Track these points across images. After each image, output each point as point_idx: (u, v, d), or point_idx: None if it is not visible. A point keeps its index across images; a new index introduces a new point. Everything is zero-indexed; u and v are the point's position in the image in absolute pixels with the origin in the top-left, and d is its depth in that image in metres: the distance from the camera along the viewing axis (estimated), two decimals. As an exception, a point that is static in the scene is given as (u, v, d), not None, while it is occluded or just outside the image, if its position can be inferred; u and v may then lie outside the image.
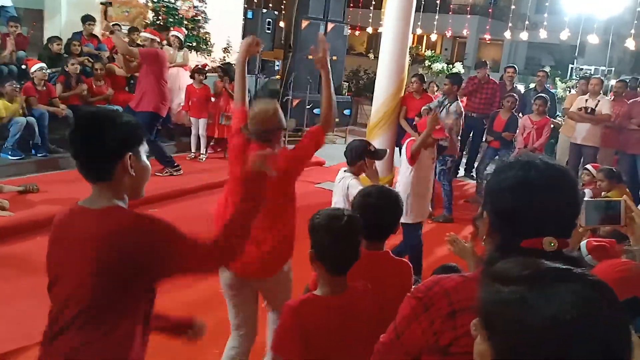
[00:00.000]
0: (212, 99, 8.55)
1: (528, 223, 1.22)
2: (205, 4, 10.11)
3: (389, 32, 6.05)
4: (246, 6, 12.48)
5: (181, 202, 6.36)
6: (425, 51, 18.14)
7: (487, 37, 15.74)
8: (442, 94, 7.02)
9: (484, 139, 8.09)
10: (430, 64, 14.58)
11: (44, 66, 7.30)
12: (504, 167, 1.29)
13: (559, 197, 1.23)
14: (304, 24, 10.76)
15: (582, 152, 7.58)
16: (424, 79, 7.97)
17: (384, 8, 6.16)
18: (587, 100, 7.56)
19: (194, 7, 9.95)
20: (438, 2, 14.45)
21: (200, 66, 8.94)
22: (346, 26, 11.74)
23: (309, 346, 1.86)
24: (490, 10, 19.27)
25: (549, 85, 9.97)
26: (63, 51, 8.21)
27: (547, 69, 13.32)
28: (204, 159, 8.35)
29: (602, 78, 8.67)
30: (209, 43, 10.23)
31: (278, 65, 11.43)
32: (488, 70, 8.66)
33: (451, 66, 14.66)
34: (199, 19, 10.01)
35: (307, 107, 10.18)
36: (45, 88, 7.29)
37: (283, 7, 14.40)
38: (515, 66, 9.34)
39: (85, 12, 8.79)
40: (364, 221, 2.22)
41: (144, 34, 7.69)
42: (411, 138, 4.77)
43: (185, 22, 9.75)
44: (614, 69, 15.34)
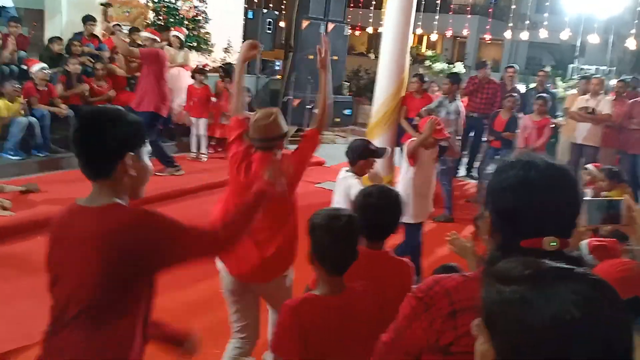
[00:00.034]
0: (213, 99, 8.56)
1: (529, 223, 1.22)
2: (206, 4, 10.12)
3: (390, 32, 6.04)
4: (247, 6, 12.49)
5: (181, 202, 6.35)
6: (426, 51, 18.16)
7: (487, 37, 15.75)
8: (442, 94, 7.02)
9: (485, 138, 8.09)
10: (430, 64, 14.59)
11: (45, 66, 7.30)
12: (505, 166, 1.29)
13: (560, 196, 1.23)
14: (305, 24, 10.76)
15: (582, 152, 7.57)
16: (424, 78, 7.97)
17: (384, 8, 6.15)
18: (587, 100, 7.56)
19: (195, 7, 9.97)
20: (438, 2, 14.45)
21: (201, 66, 8.95)
22: (346, 26, 11.76)
23: (308, 346, 1.86)
24: (490, 10, 19.27)
25: (549, 85, 9.95)
26: (64, 51, 8.22)
27: (548, 68, 13.30)
28: (204, 159, 8.35)
29: (603, 78, 8.64)
30: (209, 43, 10.25)
31: (279, 65, 11.44)
32: (488, 70, 8.65)
33: (452, 66, 14.67)
34: (199, 19, 10.03)
35: (308, 107, 10.18)
36: (46, 88, 7.30)
37: (283, 7, 14.41)
38: (516, 66, 9.34)
39: (86, 12, 8.80)
40: (364, 221, 2.22)
41: (144, 33, 7.69)
42: (412, 139, 4.77)
43: (186, 22, 9.76)
44: (614, 68, 15.31)
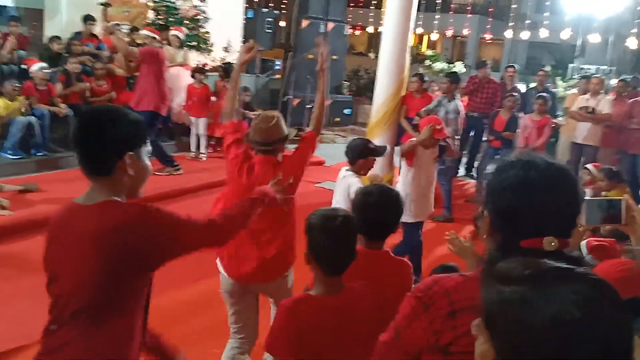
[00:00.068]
0: (212, 99, 8.55)
1: (529, 222, 1.22)
2: (206, 3, 10.12)
3: (390, 32, 6.03)
4: (246, 5, 12.48)
5: (181, 202, 6.35)
6: (426, 51, 18.16)
7: (487, 36, 15.75)
8: (442, 93, 7.01)
9: (485, 138, 8.09)
10: (430, 63, 14.59)
11: (44, 66, 7.29)
12: (505, 166, 1.29)
13: (560, 196, 1.23)
14: (305, 23, 10.75)
15: (582, 152, 7.57)
16: (424, 78, 7.96)
17: (384, 7, 6.13)
18: (587, 99, 7.55)
19: (194, 6, 9.96)
20: (439, 2, 14.45)
21: (200, 66, 8.93)
22: (346, 26, 11.74)
23: (303, 346, 1.85)
24: (490, 10, 19.27)
25: (549, 84, 9.95)
26: (63, 51, 8.21)
27: (548, 68, 13.31)
28: (204, 158, 8.35)
29: (603, 77, 8.63)
30: (209, 42, 10.24)
31: (278, 65, 11.43)
32: (489, 69, 8.65)
33: (452, 66, 14.66)
34: (199, 19, 10.02)
35: (308, 106, 10.17)
36: (45, 88, 7.29)
37: (283, 6, 14.40)
38: (516, 65, 9.33)
39: (86, 12, 8.78)
40: (364, 220, 2.22)
41: (143, 31, 7.68)
42: (412, 139, 4.76)
43: (186, 21, 9.75)
44: (614, 68, 15.31)
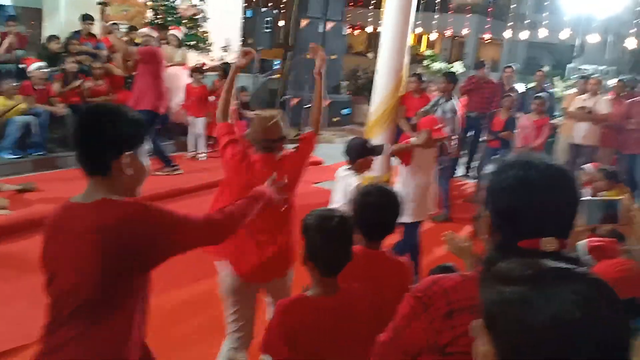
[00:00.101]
0: (211, 98, 8.52)
1: (528, 223, 1.22)
2: (205, 3, 10.11)
3: (388, 31, 6.03)
4: (245, 5, 12.47)
5: (180, 202, 6.34)
6: (425, 50, 18.16)
7: (486, 36, 15.75)
8: (439, 93, 7.01)
9: (483, 138, 8.09)
10: (429, 63, 14.59)
11: (42, 65, 7.28)
12: (504, 166, 1.29)
13: (559, 197, 1.23)
14: (304, 23, 10.75)
15: (580, 152, 7.58)
16: (423, 78, 7.96)
17: (383, 7, 6.13)
18: (586, 100, 7.56)
19: (193, 5, 9.95)
20: (438, 2, 14.45)
21: (199, 65, 8.92)
22: (345, 25, 11.74)
23: (299, 346, 1.85)
24: (489, 10, 19.27)
25: (548, 84, 9.96)
26: (62, 50, 8.19)
27: (546, 68, 13.32)
28: (204, 157, 8.33)
29: (601, 78, 8.66)
30: (207, 42, 10.23)
31: (277, 65, 11.43)
32: (487, 69, 8.66)
33: (450, 66, 14.67)
34: (198, 18, 10.00)
35: (306, 106, 10.17)
36: (44, 87, 7.28)
37: (282, 6, 14.39)
38: (514, 66, 9.34)
39: (84, 11, 8.76)
40: (363, 220, 2.22)
41: (143, 30, 7.68)
42: (411, 139, 4.76)
43: (184, 20, 9.74)
44: (613, 68, 15.33)
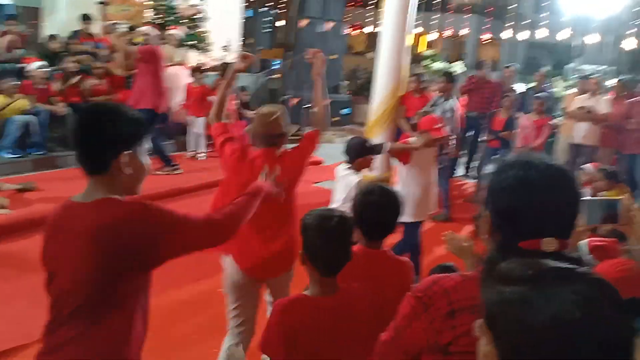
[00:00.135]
0: (211, 98, 8.53)
1: (528, 223, 1.21)
2: (205, 2, 10.11)
3: (388, 31, 6.03)
4: (245, 5, 12.47)
5: (180, 201, 6.33)
6: (425, 50, 18.16)
7: (486, 36, 15.75)
8: (437, 92, 7.01)
9: (483, 138, 8.09)
10: (429, 63, 14.59)
11: (43, 64, 7.28)
12: (504, 166, 1.29)
13: (559, 197, 1.22)
14: (303, 23, 10.76)
15: (580, 152, 7.58)
16: (423, 78, 7.96)
17: (382, 7, 6.13)
18: (585, 99, 7.56)
19: (193, 5, 9.95)
20: (438, 2, 14.44)
21: (199, 65, 8.93)
22: (345, 25, 11.74)
23: (298, 346, 1.84)
24: (489, 10, 19.27)
25: (548, 84, 9.96)
26: (61, 49, 8.19)
27: (546, 68, 13.32)
28: (204, 157, 8.33)
29: (601, 78, 8.66)
30: (207, 42, 10.23)
31: (277, 64, 11.44)
32: (487, 69, 8.65)
33: (450, 65, 14.67)
34: (197, 18, 10.01)
35: (306, 106, 10.17)
36: (44, 86, 7.27)
37: (282, 6, 14.38)
38: (514, 65, 9.34)
39: (84, 11, 8.77)
40: (364, 219, 2.22)
41: (143, 28, 7.67)
42: (410, 138, 4.76)
43: (184, 20, 9.74)
44: (612, 68, 15.34)
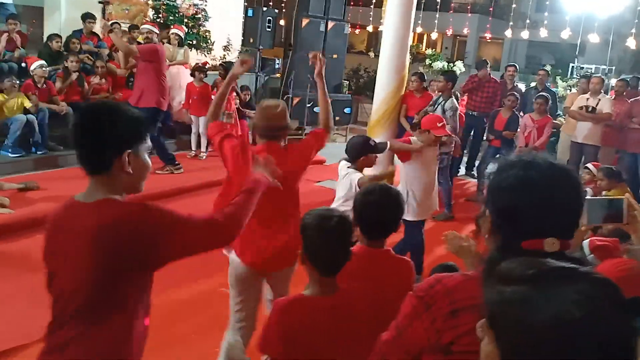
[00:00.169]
0: (212, 97, 8.54)
1: (529, 222, 1.21)
2: (206, 2, 10.11)
3: (390, 30, 6.03)
4: (246, 4, 12.46)
5: (181, 200, 6.34)
6: (426, 50, 18.15)
7: (487, 35, 15.72)
8: (437, 91, 7.01)
9: (485, 137, 8.09)
10: (430, 62, 14.57)
11: (43, 63, 7.28)
12: (505, 165, 1.28)
13: (561, 196, 1.22)
14: (305, 22, 10.74)
15: (583, 151, 7.57)
16: (424, 77, 7.96)
17: (384, 6, 6.13)
18: (588, 99, 7.55)
19: (194, 5, 9.95)
20: (439, 1, 14.42)
21: (200, 64, 8.93)
22: (346, 24, 11.72)
23: (297, 346, 1.84)
24: (490, 9, 19.24)
25: (549, 84, 9.95)
26: (63, 49, 8.20)
27: (548, 67, 13.30)
28: (204, 157, 8.33)
29: (603, 77, 8.64)
30: (209, 41, 10.23)
31: (278, 64, 11.42)
32: (489, 69, 8.64)
33: (452, 65, 14.65)
34: (199, 17, 10.01)
35: (307, 105, 10.17)
36: (45, 86, 7.28)
37: (283, 5, 14.38)
38: (516, 65, 9.32)
39: (85, 10, 8.77)
40: (365, 219, 2.21)
41: (144, 26, 7.67)
42: (411, 137, 4.76)
43: (186, 20, 9.75)
44: (614, 67, 15.31)
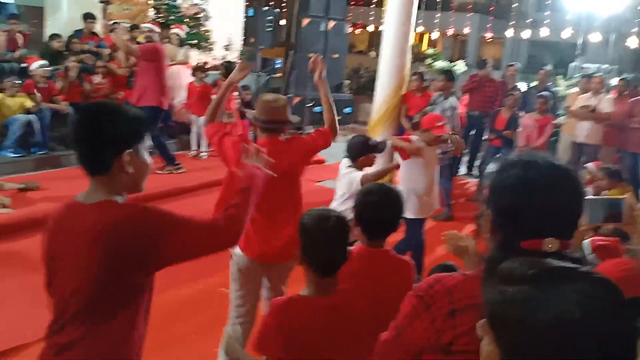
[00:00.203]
0: (213, 97, 8.53)
1: (529, 222, 1.21)
2: (207, 2, 10.11)
3: (390, 30, 6.03)
4: (247, 4, 12.47)
5: (181, 200, 6.34)
6: (427, 49, 18.15)
7: (488, 35, 15.73)
8: (437, 91, 7.01)
9: (486, 137, 8.09)
10: (431, 62, 14.57)
11: (44, 63, 7.28)
12: (506, 165, 1.28)
13: (561, 196, 1.22)
14: (305, 21, 10.75)
15: (583, 151, 7.56)
16: (424, 77, 7.96)
17: (385, 6, 6.13)
18: (588, 98, 7.55)
19: (195, 4, 9.96)
20: (439, 0, 14.42)
21: (201, 64, 8.93)
22: (347, 24, 11.73)
23: (294, 346, 1.84)
24: (491, 9, 19.23)
25: (550, 83, 9.93)
26: (64, 49, 8.20)
27: (549, 67, 13.28)
28: (204, 156, 8.33)
29: (604, 76, 8.63)
30: (209, 41, 10.24)
31: (279, 63, 11.43)
32: (489, 68, 8.64)
33: (452, 64, 14.65)
34: (199, 17, 10.02)
35: (308, 105, 10.18)
36: (46, 86, 7.28)
37: (284, 4, 14.38)
38: (517, 64, 9.32)
39: (86, 10, 8.77)
40: (365, 219, 2.21)
41: (145, 25, 7.68)
42: (411, 136, 4.75)
43: (186, 19, 9.75)
44: (615, 67, 15.29)
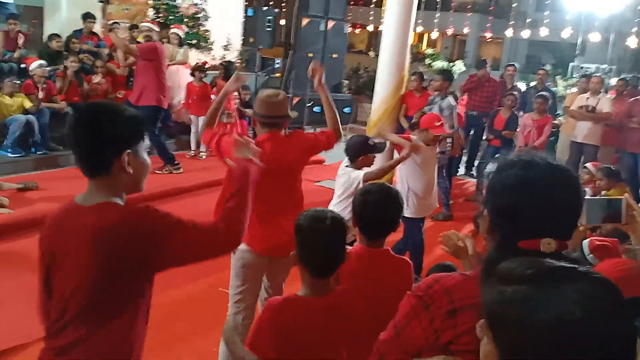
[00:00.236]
0: (212, 97, 8.54)
1: (528, 222, 1.21)
2: (206, 2, 10.11)
3: (390, 30, 6.03)
4: (246, 4, 12.47)
5: (181, 200, 6.34)
6: (426, 49, 18.15)
7: (487, 35, 15.74)
8: (434, 91, 7.01)
9: (485, 137, 8.09)
10: (430, 62, 14.57)
11: (43, 63, 7.28)
12: (505, 165, 1.28)
13: (560, 197, 1.22)
14: (305, 21, 10.75)
15: (582, 151, 7.57)
16: (424, 76, 7.96)
17: (384, 6, 6.13)
18: (587, 98, 7.55)
19: (194, 4, 9.96)
20: (439, 0, 14.43)
21: (200, 64, 8.93)
22: (346, 24, 11.73)
23: (289, 345, 1.83)
24: (491, 9, 19.23)
25: (549, 83, 9.95)
26: (63, 49, 8.20)
27: (548, 67, 13.30)
28: (204, 156, 8.33)
29: (603, 76, 8.65)
30: (209, 41, 10.24)
31: (278, 63, 11.44)
32: (488, 68, 8.64)
33: (452, 64, 14.65)
34: (199, 17, 10.01)
35: (308, 105, 10.17)
36: (45, 85, 7.28)
37: (283, 4, 14.38)
38: (516, 64, 9.32)
39: (85, 10, 8.76)
40: (364, 218, 2.21)
41: (144, 24, 7.68)
42: (411, 136, 4.75)
43: (186, 19, 9.75)
44: (614, 67, 15.30)
